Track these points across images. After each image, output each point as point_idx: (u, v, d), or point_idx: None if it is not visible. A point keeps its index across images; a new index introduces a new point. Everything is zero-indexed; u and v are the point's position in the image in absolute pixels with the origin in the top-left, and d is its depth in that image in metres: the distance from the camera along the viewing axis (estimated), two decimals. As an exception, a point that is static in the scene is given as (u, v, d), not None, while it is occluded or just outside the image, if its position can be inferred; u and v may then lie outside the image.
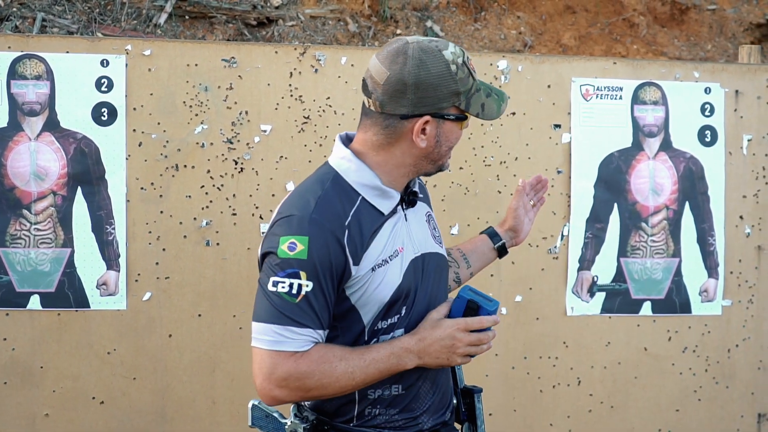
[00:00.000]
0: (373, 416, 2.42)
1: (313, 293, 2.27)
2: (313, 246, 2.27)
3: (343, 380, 2.29)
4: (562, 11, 7.32)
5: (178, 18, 6.58)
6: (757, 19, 7.43)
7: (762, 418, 4.59)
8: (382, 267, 2.36)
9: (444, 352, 2.35)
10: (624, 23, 7.37)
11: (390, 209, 2.42)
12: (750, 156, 4.54)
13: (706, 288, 4.52)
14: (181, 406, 4.09)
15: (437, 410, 2.52)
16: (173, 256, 4.05)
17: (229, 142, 4.07)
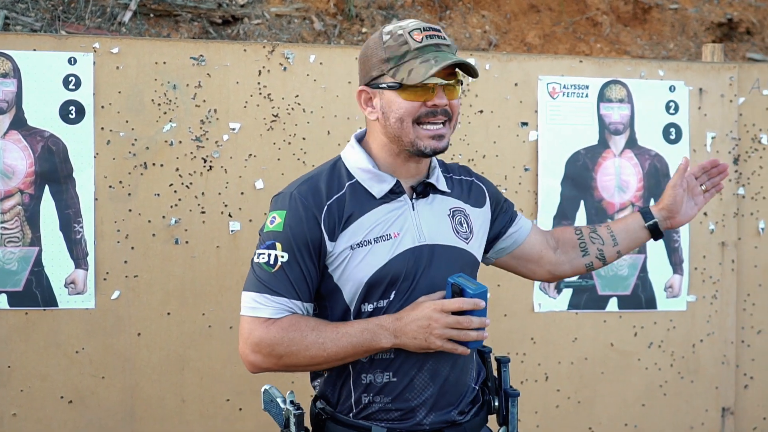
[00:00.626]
0: (369, 404, 2.45)
1: (288, 264, 2.39)
2: (288, 219, 2.42)
3: (313, 349, 2.35)
4: (526, 10, 7.36)
5: (143, 16, 6.55)
6: (718, 19, 7.51)
7: (726, 412, 4.65)
8: (363, 247, 2.42)
9: (420, 332, 2.32)
10: (587, 22, 7.43)
11: (382, 193, 2.47)
12: (714, 153, 4.60)
13: (671, 284, 4.57)
14: (150, 404, 4.08)
15: (440, 406, 2.48)
16: (142, 254, 4.04)
17: (197, 140, 4.06)
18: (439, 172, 2.61)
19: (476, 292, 2.32)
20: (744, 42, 7.55)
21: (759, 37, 7.59)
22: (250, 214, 4.11)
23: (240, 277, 4.10)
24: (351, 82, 4.20)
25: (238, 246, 4.10)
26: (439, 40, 2.42)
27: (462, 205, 2.62)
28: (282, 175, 4.13)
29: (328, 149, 4.17)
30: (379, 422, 2.45)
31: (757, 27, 7.59)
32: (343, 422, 2.48)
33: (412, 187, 2.53)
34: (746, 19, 7.57)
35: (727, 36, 7.54)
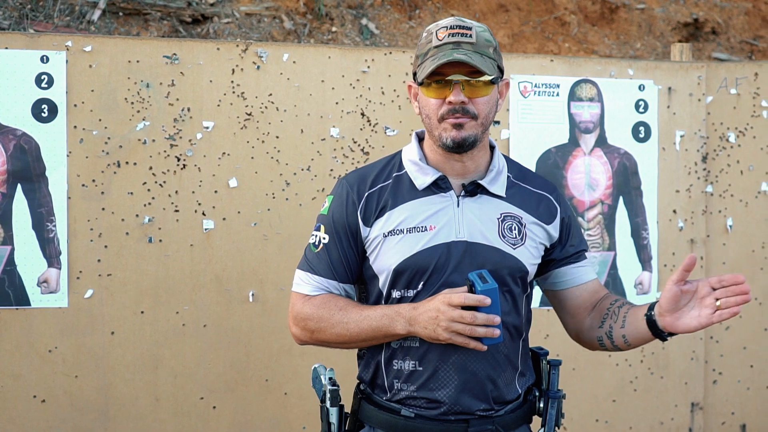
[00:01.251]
0: (398, 390, 2.51)
1: (328, 246, 2.56)
2: (333, 204, 2.59)
3: (338, 328, 2.48)
4: (495, 9, 7.40)
5: (112, 15, 6.53)
6: (684, 18, 7.59)
7: (695, 407, 4.71)
8: (395, 235, 2.49)
9: (430, 323, 2.34)
10: (556, 22, 7.48)
11: (425, 185, 2.53)
12: (683, 152, 4.65)
13: (640, 281, 4.62)
14: (124, 403, 4.07)
15: (464, 400, 2.48)
16: (115, 253, 4.03)
17: (171, 138, 4.06)
18: (500, 175, 2.60)
19: (483, 288, 2.31)
20: (710, 42, 7.63)
21: (724, 36, 7.68)
22: (224, 213, 4.12)
23: (213, 275, 4.12)
24: (324, 80, 4.22)
25: (211, 244, 4.11)
26: (461, 38, 2.44)
27: (518, 212, 2.58)
28: (256, 174, 4.14)
29: (302, 147, 4.19)
30: (408, 407, 2.50)
31: (723, 27, 7.68)
32: (376, 403, 2.55)
33: (463, 185, 2.55)
34: (712, 19, 7.65)
35: (693, 36, 7.62)
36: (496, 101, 2.54)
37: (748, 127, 4.70)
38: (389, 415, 2.52)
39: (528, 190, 2.65)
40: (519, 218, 2.58)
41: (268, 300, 4.18)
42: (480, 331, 2.30)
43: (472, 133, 2.46)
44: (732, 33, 7.72)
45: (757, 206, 4.72)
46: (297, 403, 4.23)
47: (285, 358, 4.22)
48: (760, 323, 4.74)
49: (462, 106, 2.43)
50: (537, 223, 2.61)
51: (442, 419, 2.48)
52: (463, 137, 2.45)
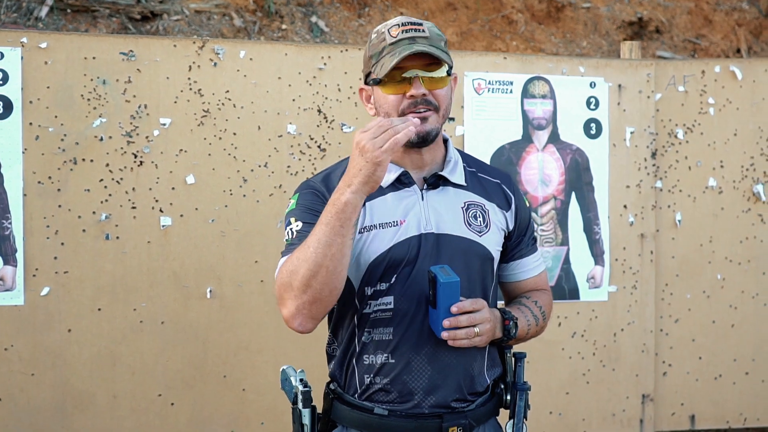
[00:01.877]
0: (370, 384, 2.51)
1: (303, 228, 2.47)
2: (300, 198, 2.56)
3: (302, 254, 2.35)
4: (443, 8, 7.45)
5: (60, 11, 6.47)
6: (629, 17, 7.69)
7: (646, 399, 4.79)
8: (368, 232, 2.50)
9: (360, 160, 2.29)
10: (503, 20, 7.54)
11: (388, 183, 2.54)
12: (633, 148, 4.73)
13: (593, 275, 4.69)
14: (81, 401, 4.06)
15: (438, 391, 2.52)
16: (72, 250, 4.01)
17: (128, 135, 4.05)
18: (457, 165, 2.65)
19: (445, 280, 2.36)
20: (654, 40, 7.74)
21: (668, 35, 7.80)
22: (181, 209, 4.12)
23: (171, 272, 4.11)
24: (281, 77, 4.23)
25: (169, 241, 4.10)
26: (416, 33, 2.48)
27: (480, 200, 2.64)
28: (213, 170, 4.14)
29: (259, 144, 4.20)
30: (380, 404, 2.51)
31: (666, 26, 7.80)
32: (348, 402, 2.55)
33: (424, 178, 2.58)
34: (656, 18, 7.76)
35: (637, 34, 7.72)
36: (451, 94, 2.60)
37: (695, 123, 4.80)
38: (362, 414, 2.53)
39: (484, 178, 2.71)
40: (482, 205, 2.63)
41: (226, 296, 4.19)
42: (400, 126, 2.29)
43: (435, 126, 2.52)
44: (675, 32, 7.85)
45: (705, 201, 4.82)
46: (255, 399, 4.24)
47: (243, 354, 4.23)
48: (709, 316, 4.84)
49: (423, 99, 2.48)
50: (497, 210, 2.67)
51: (416, 414, 2.51)
52: (427, 130, 2.50)
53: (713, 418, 4.88)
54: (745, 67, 4.84)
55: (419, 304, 2.50)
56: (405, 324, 2.51)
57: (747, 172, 4.84)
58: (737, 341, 4.88)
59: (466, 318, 2.42)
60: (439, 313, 2.42)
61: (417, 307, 2.50)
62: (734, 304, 4.86)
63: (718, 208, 4.83)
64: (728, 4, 8.02)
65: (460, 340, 2.43)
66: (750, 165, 4.84)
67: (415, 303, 2.49)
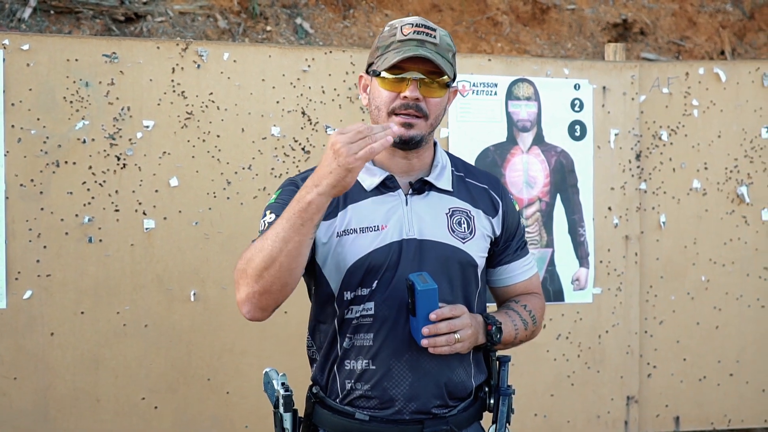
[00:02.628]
0: (351, 390, 2.50)
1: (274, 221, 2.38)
2: (281, 194, 2.53)
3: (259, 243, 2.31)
4: (428, 9, 7.45)
5: (43, 13, 6.44)
6: (614, 19, 7.70)
7: (630, 400, 4.79)
8: (348, 235, 2.47)
9: (332, 163, 2.21)
10: (488, 22, 7.55)
11: (372, 186, 2.52)
12: (617, 150, 4.74)
13: (577, 277, 4.69)
14: (64, 405, 4.04)
15: (419, 398, 2.51)
16: (54, 253, 3.99)
17: (111, 137, 4.03)
18: (444, 170, 2.63)
19: (423, 288, 2.35)
20: (638, 42, 7.76)
21: (652, 37, 7.82)
22: (165, 212, 4.10)
23: (155, 275, 4.10)
24: (265, 79, 4.22)
25: (152, 244, 4.09)
26: (426, 37, 2.45)
27: (465, 206, 2.62)
28: (197, 173, 4.13)
29: (243, 146, 4.19)
30: (361, 409, 2.50)
31: (651, 27, 7.81)
32: (330, 407, 2.54)
33: (410, 183, 2.56)
34: (640, 19, 7.78)
35: (622, 36, 7.74)
36: (446, 104, 2.57)
37: (679, 125, 4.81)
38: (343, 419, 2.52)
39: (472, 184, 2.69)
40: (467, 211, 2.61)
41: (210, 299, 4.17)
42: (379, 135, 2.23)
43: (419, 133, 2.49)
44: (660, 33, 7.87)
45: (689, 203, 4.83)
46: (239, 402, 4.22)
47: (227, 357, 4.21)
48: (693, 317, 4.84)
49: (415, 103, 2.45)
50: (483, 216, 2.65)
51: (397, 420, 2.50)
52: (410, 135, 2.47)
53: (697, 420, 4.89)
54: (728, 69, 4.85)
55: (400, 310, 2.48)
56: (386, 330, 2.49)
57: (731, 173, 4.85)
58: (721, 343, 4.89)
59: (445, 325, 2.39)
60: (418, 321, 2.40)
61: (398, 313, 2.48)
62: (718, 305, 4.87)
63: (703, 210, 4.83)
64: (712, 6, 8.04)
65: (440, 347, 2.40)
66: (734, 167, 4.85)
67: (396, 309, 2.47)
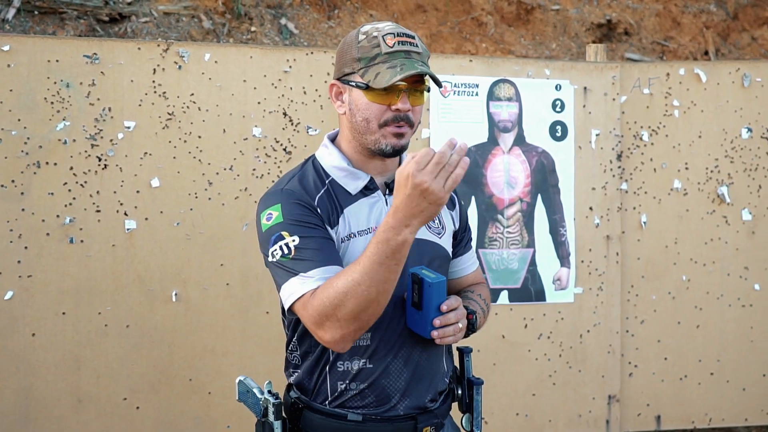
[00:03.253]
0: (344, 391, 2.51)
1: (301, 243, 2.38)
2: (285, 209, 2.43)
3: (350, 289, 2.25)
4: (413, 10, 7.46)
5: (27, 13, 6.44)
6: (598, 20, 7.72)
7: (612, 399, 4.82)
8: (350, 240, 2.48)
9: (417, 202, 2.16)
10: (473, 22, 7.56)
11: (357, 189, 2.54)
12: (598, 150, 4.76)
13: (559, 277, 4.71)
14: (46, 405, 4.04)
15: (413, 393, 2.55)
16: (36, 254, 4.00)
17: (92, 138, 4.04)
18: None
19: (434, 281, 2.38)
20: (623, 42, 7.78)
21: (636, 37, 7.84)
22: (146, 213, 4.11)
23: (136, 275, 4.10)
24: (246, 80, 4.23)
25: (134, 244, 4.09)
26: (410, 47, 2.45)
27: None
28: (178, 173, 4.14)
29: (224, 147, 4.20)
30: (354, 409, 2.51)
31: (635, 28, 7.84)
32: (319, 410, 2.53)
33: (386, 183, 2.59)
34: (624, 20, 7.80)
35: (606, 36, 7.76)
36: None
37: (660, 125, 4.83)
38: (336, 422, 2.52)
39: None
40: None
41: (192, 299, 4.18)
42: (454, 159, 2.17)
43: (408, 140, 2.53)
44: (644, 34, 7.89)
45: (670, 203, 4.85)
46: (221, 403, 4.23)
47: (209, 358, 4.22)
48: (674, 317, 4.87)
49: (406, 114, 2.47)
50: (447, 211, 2.74)
51: (392, 418, 2.52)
52: (402, 145, 2.50)
53: (679, 419, 4.91)
54: (709, 70, 4.88)
55: (396, 307, 2.50)
56: (383, 328, 2.51)
57: (711, 174, 4.87)
58: (702, 342, 4.91)
59: (454, 315, 2.44)
60: (428, 313, 2.42)
61: (394, 311, 2.50)
62: (699, 305, 4.89)
63: (683, 210, 4.86)
64: (696, 7, 8.07)
65: (447, 337, 2.45)
66: (714, 167, 4.87)
67: (391, 306, 2.47)
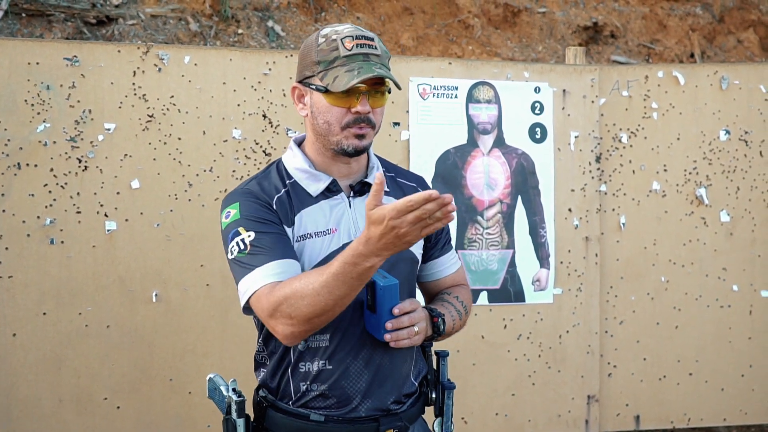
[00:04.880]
0: (306, 391, 2.54)
1: (256, 239, 2.44)
2: (243, 207, 2.51)
3: (308, 294, 2.30)
4: (400, 12, 7.49)
5: (15, 16, 6.47)
6: (584, 22, 7.76)
7: (591, 399, 4.85)
8: (306, 240, 2.51)
9: (392, 240, 2.21)
10: (459, 25, 7.60)
11: (318, 192, 2.57)
12: (577, 152, 4.79)
13: (538, 277, 4.75)
14: (27, 405, 4.07)
15: (375, 395, 2.56)
16: (16, 254, 4.03)
17: (72, 140, 4.07)
18: (379, 171, 2.65)
19: (385, 284, 2.40)
20: (609, 45, 7.82)
21: (623, 40, 7.88)
22: (126, 214, 4.14)
23: (117, 276, 4.13)
24: (226, 83, 4.26)
25: (114, 245, 4.12)
26: (369, 49, 2.48)
27: None
28: (158, 175, 4.17)
29: (204, 149, 4.23)
30: (316, 410, 2.54)
31: (621, 30, 7.88)
32: (283, 410, 2.57)
33: (351, 185, 2.62)
34: (610, 23, 7.84)
35: (592, 39, 7.80)
36: None
37: (639, 128, 4.87)
38: (298, 421, 2.55)
39: (403, 183, 2.78)
40: None
41: (172, 300, 4.21)
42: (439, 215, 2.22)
43: (370, 142, 2.56)
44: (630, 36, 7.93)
45: (649, 204, 4.89)
46: (201, 402, 4.26)
47: (189, 358, 4.25)
48: (653, 317, 4.90)
49: (366, 116, 2.50)
50: None
51: (353, 419, 2.54)
52: (364, 146, 2.53)
53: (658, 419, 4.95)
54: (687, 73, 4.92)
55: (355, 309, 2.53)
56: (342, 330, 2.54)
57: (690, 175, 4.91)
58: (681, 342, 4.95)
59: (407, 318, 2.45)
60: (380, 317, 2.44)
61: (353, 313, 2.53)
62: (678, 305, 4.93)
63: (662, 212, 4.90)
64: (682, 10, 8.12)
65: (402, 340, 2.45)
66: (693, 169, 4.91)
67: (351, 309, 2.51)
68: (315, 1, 7.30)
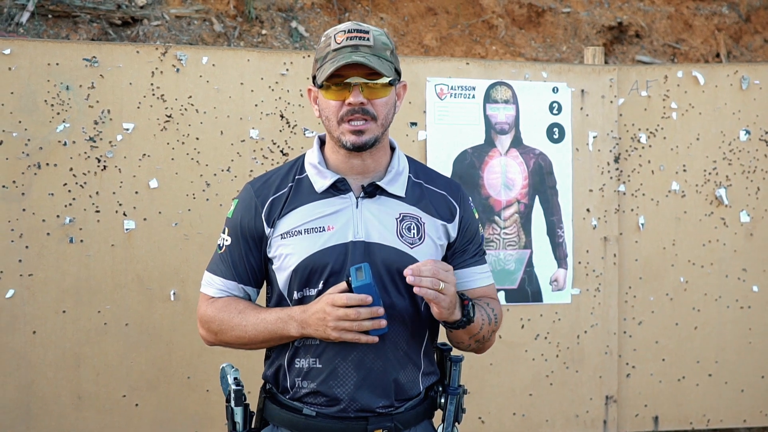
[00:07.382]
0: (299, 388, 2.57)
1: (229, 248, 2.64)
2: (238, 207, 2.66)
3: (237, 331, 2.56)
4: (423, 13, 7.51)
5: (41, 17, 6.54)
6: (608, 22, 7.74)
7: (609, 400, 4.84)
8: (294, 237, 2.54)
9: (320, 325, 2.42)
10: (483, 25, 7.60)
11: (323, 188, 2.58)
12: (595, 152, 4.79)
13: (556, 278, 4.75)
14: (46, 402, 4.12)
15: (363, 396, 2.54)
16: (36, 253, 4.08)
17: (91, 140, 4.11)
18: (399, 176, 2.66)
19: (357, 284, 2.37)
20: (633, 45, 7.80)
21: (647, 40, 7.85)
22: (145, 213, 4.18)
23: (135, 275, 4.18)
24: (243, 83, 4.29)
25: (132, 244, 4.17)
26: (359, 41, 2.49)
27: (416, 212, 2.63)
28: (176, 175, 4.21)
29: (222, 149, 4.26)
30: (309, 405, 2.56)
31: (646, 30, 7.85)
32: (280, 402, 2.62)
33: (363, 186, 2.61)
34: (635, 22, 7.82)
35: (617, 39, 7.78)
36: (394, 103, 2.61)
37: (658, 128, 4.85)
38: (291, 414, 2.59)
39: (430, 189, 2.71)
40: (417, 218, 2.62)
41: (190, 298, 4.25)
42: (366, 324, 2.38)
43: (372, 136, 2.53)
44: (655, 36, 7.90)
45: (668, 205, 4.88)
46: (219, 400, 4.29)
47: (207, 356, 4.28)
48: (672, 318, 4.89)
49: (361, 107, 2.49)
50: (436, 222, 2.65)
51: (342, 417, 2.54)
52: (363, 142, 2.52)
53: (676, 420, 4.93)
54: (707, 73, 4.90)
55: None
56: None
57: (709, 176, 4.89)
58: (700, 343, 4.93)
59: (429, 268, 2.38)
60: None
61: None
62: (697, 306, 4.91)
63: (681, 212, 4.88)
64: (708, 9, 8.08)
65: (424, 287, 2.35)
66: (712, 169, 4.89)
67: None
68: (339, 2, 7.33)
